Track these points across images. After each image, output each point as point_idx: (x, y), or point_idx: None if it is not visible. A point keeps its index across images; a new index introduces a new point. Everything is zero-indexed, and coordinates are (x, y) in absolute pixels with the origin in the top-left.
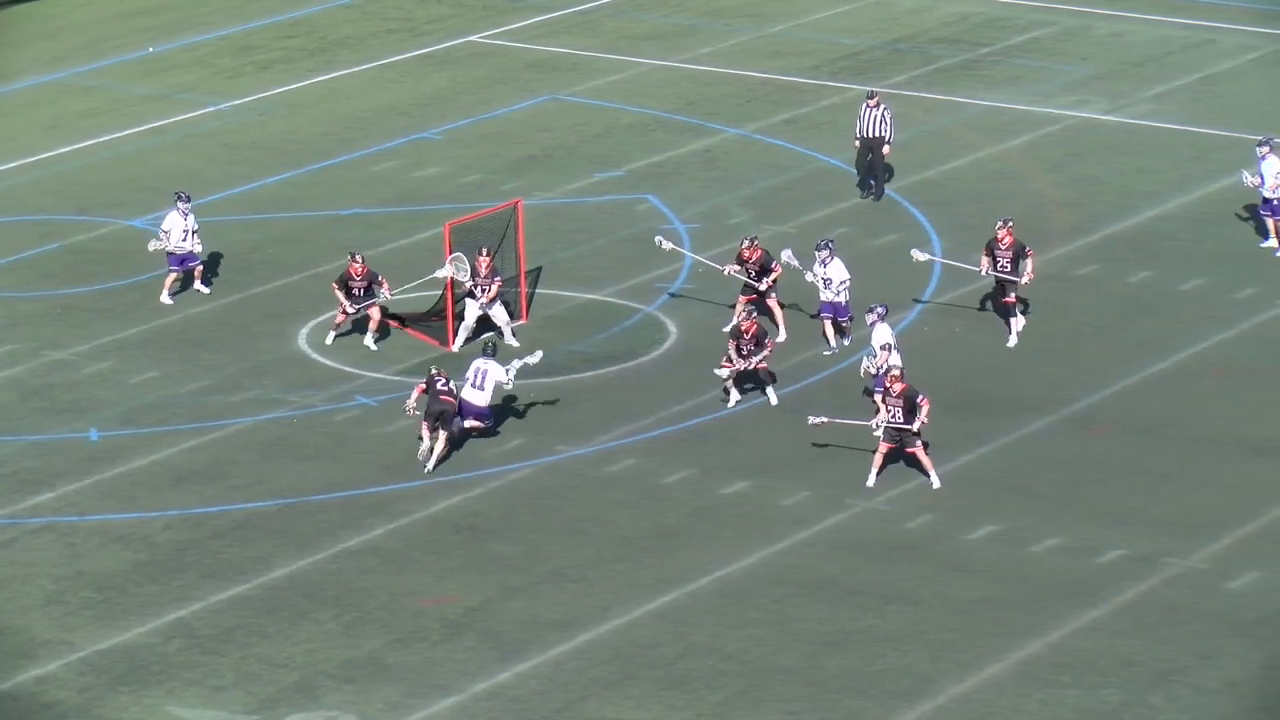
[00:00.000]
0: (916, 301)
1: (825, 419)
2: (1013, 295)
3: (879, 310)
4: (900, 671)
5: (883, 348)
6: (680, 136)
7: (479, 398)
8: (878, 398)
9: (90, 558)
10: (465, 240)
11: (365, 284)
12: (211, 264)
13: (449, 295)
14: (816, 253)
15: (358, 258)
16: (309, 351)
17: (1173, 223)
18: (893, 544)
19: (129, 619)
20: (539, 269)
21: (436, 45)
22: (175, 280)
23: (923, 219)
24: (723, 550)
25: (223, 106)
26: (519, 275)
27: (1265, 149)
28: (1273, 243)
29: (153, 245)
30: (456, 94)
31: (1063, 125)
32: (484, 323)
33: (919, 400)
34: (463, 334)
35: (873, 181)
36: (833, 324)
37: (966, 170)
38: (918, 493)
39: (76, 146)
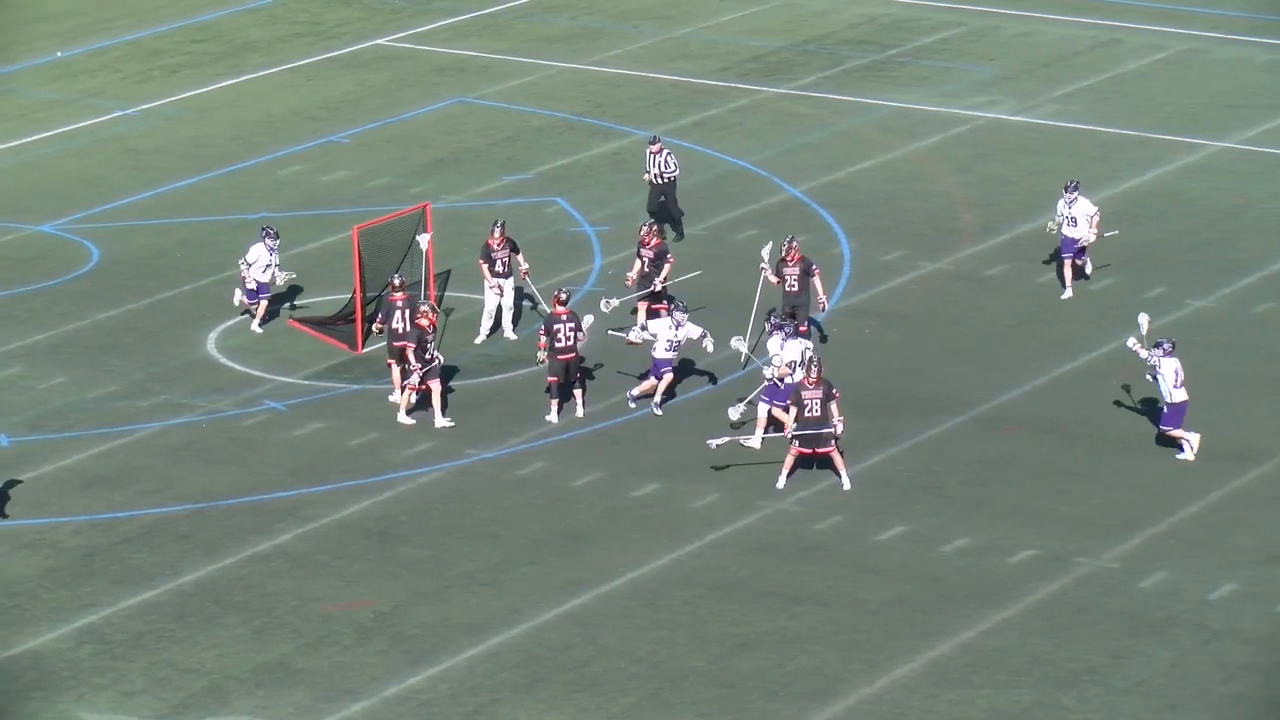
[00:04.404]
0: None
1: (727, 438)
2: (804, 324)
3: (787, 329)
4: (811, 672)
5: (788, 364)
6: (589, 139)
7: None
8: (790, 407)
9: (0, 563)
10: (372, 243)
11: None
12: (118, 270)
13: (358, 298)
14: (677, 313)
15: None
16: (217, 356)
17: None
18: (803, 545)
19: (39, 625)
20: (448, 272)
21: (344, 49)
22: (261, 308)
23: (831, 220)
24: (633, 552)
25: (130, 111)
26: (428, 279)
27: (1074, 194)
28: (1069, 294)
29: (243, 270)
30: (364, 97)
31: (971, 126)
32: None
33: (834, 391)
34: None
35: (668, 224)
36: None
37: (875, 171)
38: (828, 493)
39: None
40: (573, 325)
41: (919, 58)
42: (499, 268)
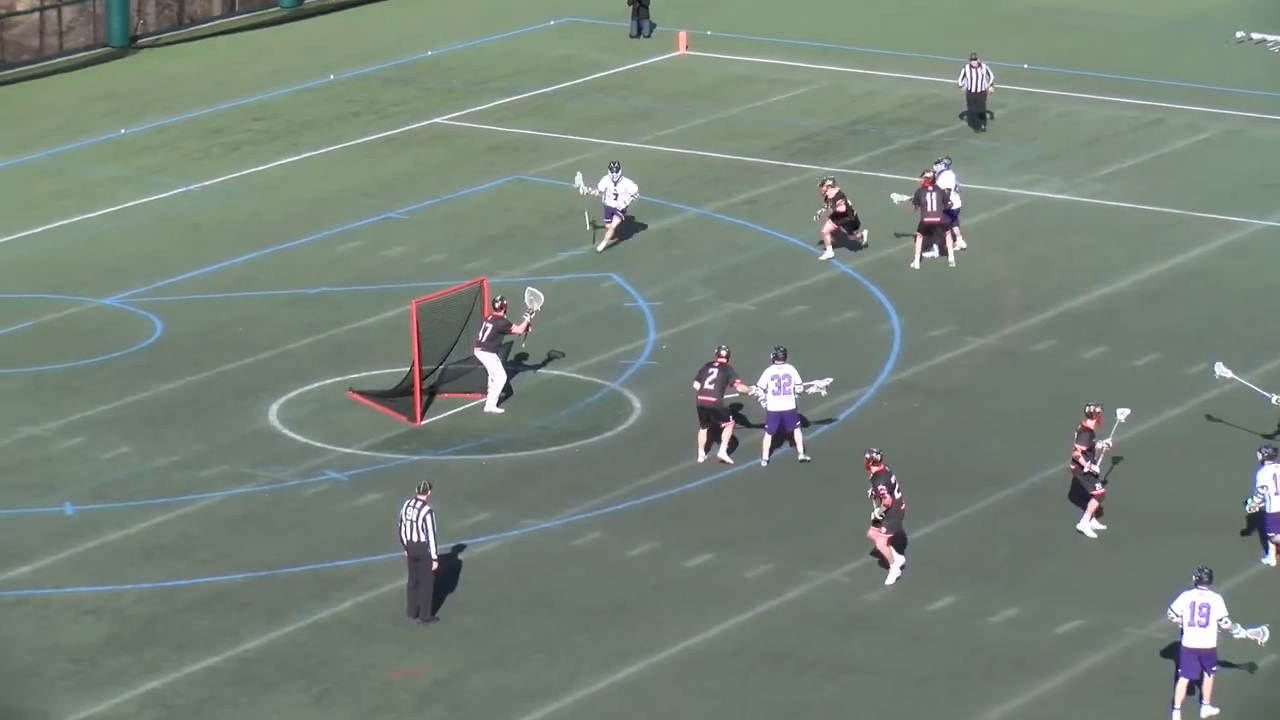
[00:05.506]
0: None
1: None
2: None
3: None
4: None
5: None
6: (642, 216)
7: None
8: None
9: (64, 630)
10: (430, 318)
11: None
12: (179, 343)
13: (416, 372)
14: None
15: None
16: (279, 427)
17: (1123, 300)
18: (852, 616)
19: (102, 690)
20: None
21: (400, 128)
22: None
23: (882, 297)
24: (684, 623)
25: (190, 188)
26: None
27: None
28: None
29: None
30: (420, 175)
31: (1015, 204)
32: None
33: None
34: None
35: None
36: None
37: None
38: (876, 566)
39: (47, 227)
40: (718, 377)
41: (964, 137)
42: (480, 337)
